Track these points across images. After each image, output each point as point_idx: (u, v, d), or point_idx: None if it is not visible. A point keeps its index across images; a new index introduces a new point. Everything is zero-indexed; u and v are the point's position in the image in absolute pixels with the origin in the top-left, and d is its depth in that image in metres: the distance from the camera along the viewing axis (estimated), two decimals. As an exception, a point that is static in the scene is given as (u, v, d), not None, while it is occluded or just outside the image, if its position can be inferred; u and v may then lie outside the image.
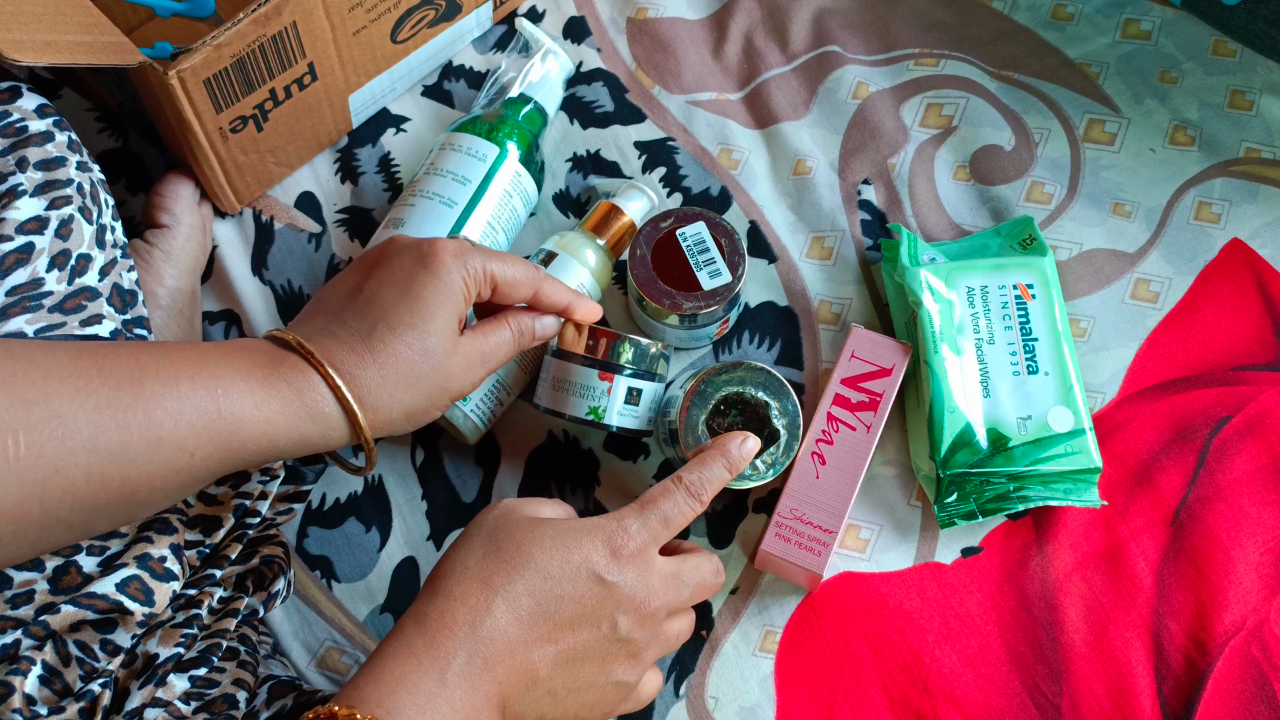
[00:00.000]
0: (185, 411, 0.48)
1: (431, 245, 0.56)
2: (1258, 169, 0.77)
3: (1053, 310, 0.70)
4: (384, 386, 0.53)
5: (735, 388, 0.64)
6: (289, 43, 0.68)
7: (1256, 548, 0.66)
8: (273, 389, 0.51)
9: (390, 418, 0.54)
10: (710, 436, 0.64)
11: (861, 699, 0.64)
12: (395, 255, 0.56)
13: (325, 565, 0.70)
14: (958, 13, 0.85)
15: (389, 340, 0.53)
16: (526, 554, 0.51)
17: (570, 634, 0.51)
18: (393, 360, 0.53)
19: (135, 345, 0.50)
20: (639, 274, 0.70)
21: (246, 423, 0.49)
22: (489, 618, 0.49)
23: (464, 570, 0.50)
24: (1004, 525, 0.68)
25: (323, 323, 0.54)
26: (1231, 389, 0.71)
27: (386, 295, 0.54)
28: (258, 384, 0.50)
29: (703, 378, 0.65)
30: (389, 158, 0.80)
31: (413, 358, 0.54)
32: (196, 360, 0.49)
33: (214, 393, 0.49)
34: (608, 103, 0.82)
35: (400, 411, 0.54)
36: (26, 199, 0.55)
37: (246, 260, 0.77)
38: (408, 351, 0.54)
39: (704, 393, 0.64)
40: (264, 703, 0.58)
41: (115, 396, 0.46)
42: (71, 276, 0.55)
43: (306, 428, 0.51)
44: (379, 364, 0.53)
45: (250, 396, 0.50)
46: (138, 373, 0.47)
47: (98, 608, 0.50)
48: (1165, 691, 0.63)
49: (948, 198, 0.78)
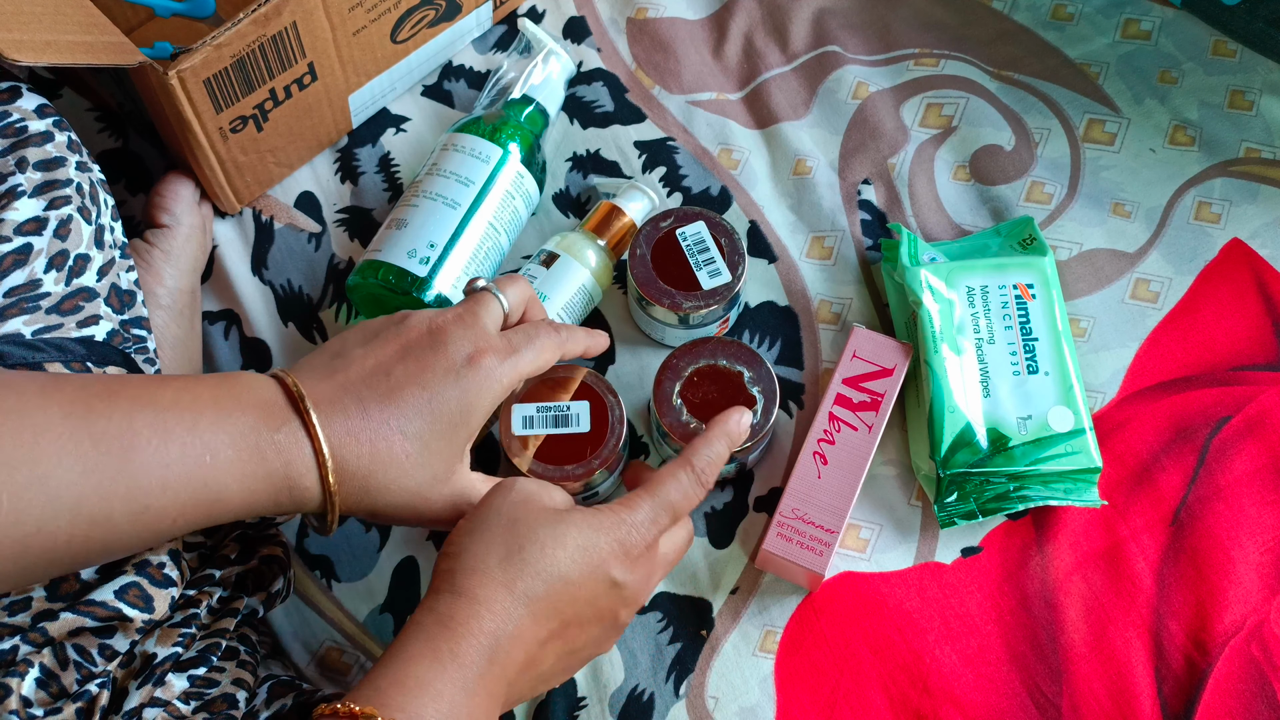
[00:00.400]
0: (171, 483, 0.47)
1: (473, 356, 0.53)
2: (1258, 169, 0.77)
3: (1053, 310, 0.70)
4: (365, 480, 0.51)
5: (707, 360, 0.66)
6: (289, 43, 0.68)
7: (1256, 548, 0.66)
8: (262, 459, 0.49)
9: (353, 508, 0.52)
10: (686, 408, 0.65)
11: (861, 699, 0.64)
12: (434, 348, 0.53)
13: (325, 565, 0.70)
14: (958, 13, 0.85)
15: (392, 441, 0.51)
16: (551, 558, 0.50)
17: (579, 631, 0.51)
18: (385, 462, 0.51)
19: (133, 394, 0.48)
20: (639, 274, 0.70)
21: (230, 492, 0.48)
22: (513, 625, 0.48)
23: (487, 571, 0.49)
24: (1004, 525, 0.68)
25: (338, 387, 0.52)
26: (1231, 389, 0.71)
27: (410, 394, 0.52)
28: (249, 452, 0.48)
29: (675, 353, 0.66)
30: (389, 158, 0.80)
31: (405, 467, 0.51)
32: (190, 423, 0.47)
33: (202, 461, 0.47)
34: (608, 103, 0.82)
35: (365, 509, 0.52)
36: (25, 199, 0.54)
37: (246, 260, 0.77)
38: (404, 460, 0.51)
39: (676, 366, 0.66)
40: (264, 702, 0.58)
41: (102, 463, 0.45)
42: (69, 277, 0.55)
43: (282, 497, 0.50)
44: (372, 458, 0.51)
45: (238, 466, 0.48)
46: (129, 438, 0.46)
47: (97, 615, 0.50)
48: (1165, 691, 0.63)
49: (948, 198, 0.78)
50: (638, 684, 0.65)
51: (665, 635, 0.67)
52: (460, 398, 0.52)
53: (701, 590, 0.68)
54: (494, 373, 0.54)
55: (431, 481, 0.52)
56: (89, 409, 0.46)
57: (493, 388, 0.53)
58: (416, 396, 0.52)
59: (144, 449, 0.46)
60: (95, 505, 0.45)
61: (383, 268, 0.70)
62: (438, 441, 0.52)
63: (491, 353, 0.54)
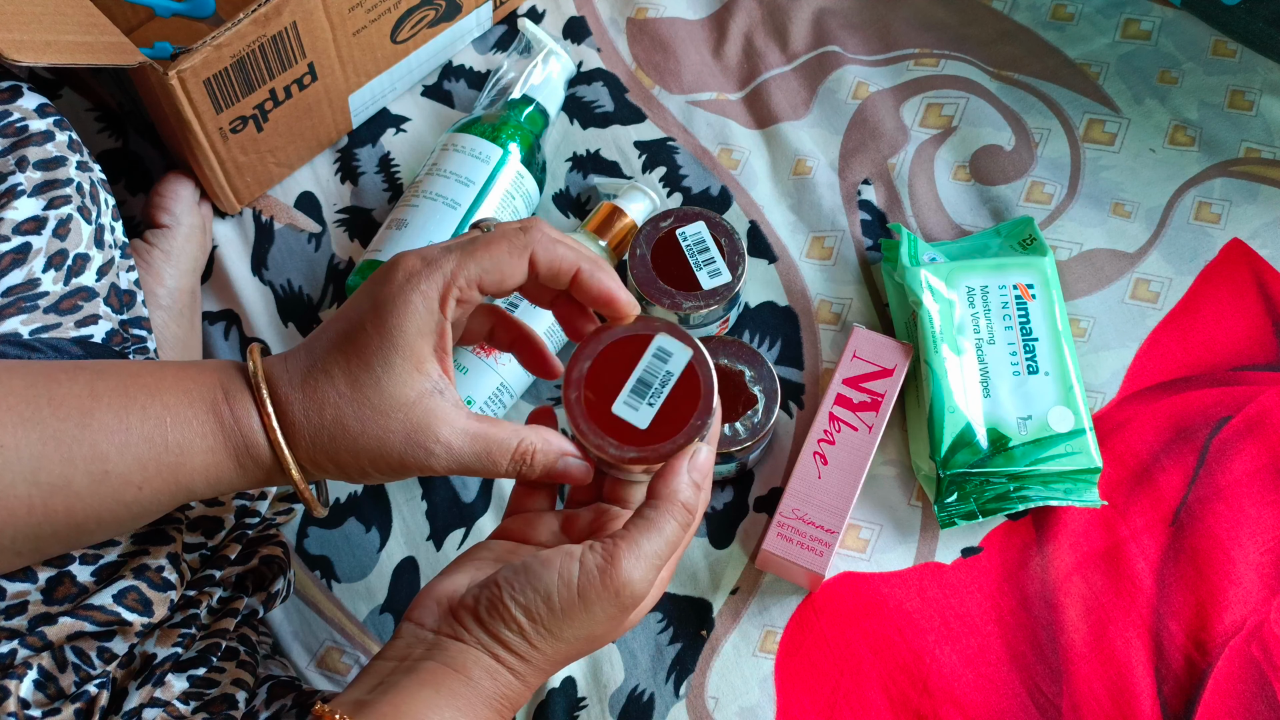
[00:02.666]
0: (132, 444, 0.45)
1: (391, 270, 0.48)
2: (1258, 169, 0.77)
3: (1053, 310, 0.70)
4: (313, 432, 0.47)
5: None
6: (289, 43, 0.68)
7: (1256, 548, 0.66)
8: (218, 417, 0.47)
9: (322, 467, 0.48)
10: None
11: (861, 699, 0.64)
12: (370, 280, 0.49)
13: (325, 565, 0.70)
14: (958, 13, 0.85)
15: (320, 382, 0.47)
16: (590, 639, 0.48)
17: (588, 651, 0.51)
18: (319, 405, 0.47)
19: (97, 369, 0.47)
20: (639, 274, 0.70)
21: (193, 453, 0.46)
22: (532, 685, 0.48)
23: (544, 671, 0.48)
24: (1004, 525, 0.68)
25: (289, 352, 0.49)
26: (1231, 389, 0.71)
27: (331, 328, 0.48)
28: (205, 410, 0.47)
29: None
30: (389, 158, 0.80)
31: (340, 406, 0.47)
32: (152, 388, 0.46)
33: (162, 423, 0.46)
34: (608, 103, 0.82)
35: (331, 465, 0.48)
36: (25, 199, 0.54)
37: (246, 260, 0.77)
38: (336, 398, 0.47)
39: None
40: (263, 703, 0.58)
41: (61, 428, 0.44)
42: (68, 276, 0.55)
43: (246, 461, 0.47)
44: (307, 404, 0.47)
45: (196, 425, 0.46)
46: (90, 403, 0.45)
47: (96, 620, 0.50)
48: (1165, 691, 0.63)
49: (948, 198, 0.78)
50: (638, 684, 0.65)
51: (665, 635, 0.67)
52: (374, 315, 0.47)
53: (701, 590, 0.68)
54: (413, 281, 0.47)
55: (377, 418, 0.47)
56: (51, 379, 0.46)
57: (409, 297, 0.47)
58: (335, 326, 0.48)
59: (103, 413, 0.45)
60: (55, 470, 0.44)
61: (383, 268, 0.70)
62: (363, 371, 0.47)
63: (417, 262, 0.48)
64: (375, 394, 0.47)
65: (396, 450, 0.47)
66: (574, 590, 0.46)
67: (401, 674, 0.46)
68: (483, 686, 0.47)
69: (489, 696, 0.47)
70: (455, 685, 0.46)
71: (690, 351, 0.50)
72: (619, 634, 0.50)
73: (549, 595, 0.46)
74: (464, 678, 0.46)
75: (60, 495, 0.45)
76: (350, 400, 0.47)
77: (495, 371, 0.68)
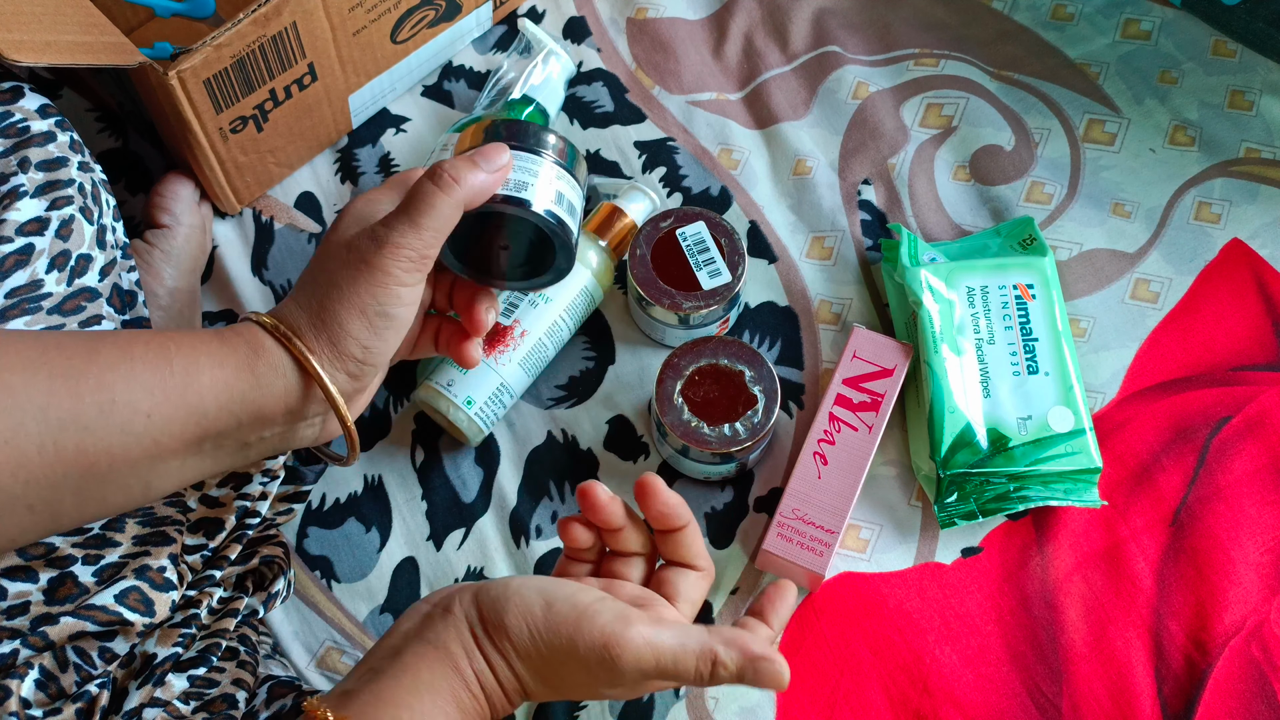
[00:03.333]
0: (138, 371, 0.47)
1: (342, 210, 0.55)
2: (1258, 169, 0.77)
3: (1053, 310, 0.70)
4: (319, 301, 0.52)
5: (709, 359, 0.66)
6: (289, 43, 0.68)
7: (1256, 548, 0.66)
8: (223, 340, 0.50)
9: (341, 347, 0.52)
10: (687, 407, 0.65)
11: (861, 699, 0.64)
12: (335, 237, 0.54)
13: (325, 565, 0.70)
14: (958, 13, 0.85)
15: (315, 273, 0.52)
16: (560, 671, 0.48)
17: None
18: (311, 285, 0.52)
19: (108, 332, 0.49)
20: (639, 274, 0.70)
21: (200, 372, 0.48)
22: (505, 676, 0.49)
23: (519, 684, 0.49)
24: (1004, 525, 0.68)
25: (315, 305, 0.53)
26: (1231, 389, 0.71)
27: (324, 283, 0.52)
28: (213, 338, 0.50)
29: (676, 352, 0.67)
30: (389, 158, 0.80)
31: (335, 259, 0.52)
32: (155, 331, 0.49)
33: (166, 349, 0.48)
34: (608, 103, 0.82)
35: (357, 346, 0.52)
36: (27, 200, 0.54)
37: (246, 260, 0.77)
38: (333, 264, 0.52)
39: (677, 365, 0.66)
40: (263, 703, 0.58)
41: (69, 365, 0.45)
42: (71, 277, 0.55)
43: (265, 379, 0.50)
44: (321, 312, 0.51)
45: (201, 346, 0.49)
46: (95, 342, 0.47)
47: (98, 620, 0.50)
48: (1165, 691, 0.63)
49: (948, 198, 0.78)
50: (638, 684, 0.65)
51: (665, 635, 0.67)
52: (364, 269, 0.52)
53: (701, 590, 0.68)
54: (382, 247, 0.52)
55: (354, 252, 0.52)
56: (57, 335, 0.47)
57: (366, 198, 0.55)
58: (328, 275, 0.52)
59: (109, 349, 0.47)
60: (64, 405, 0.45)
61: (383, 268, 0.70)
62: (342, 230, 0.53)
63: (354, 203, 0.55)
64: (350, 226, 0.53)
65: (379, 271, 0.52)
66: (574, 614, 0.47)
67: (388, 658, 0.47)
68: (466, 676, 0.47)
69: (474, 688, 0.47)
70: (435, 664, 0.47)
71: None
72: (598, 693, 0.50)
73: (551, 603, 0.48)
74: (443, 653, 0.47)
75: (70, 431, 0.45)
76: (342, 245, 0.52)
77: (496, 372, 0.69)
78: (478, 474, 0.71)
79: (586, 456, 0.72)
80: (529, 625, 0.47)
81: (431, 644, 0.48)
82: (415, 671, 0.47)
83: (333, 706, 0.45)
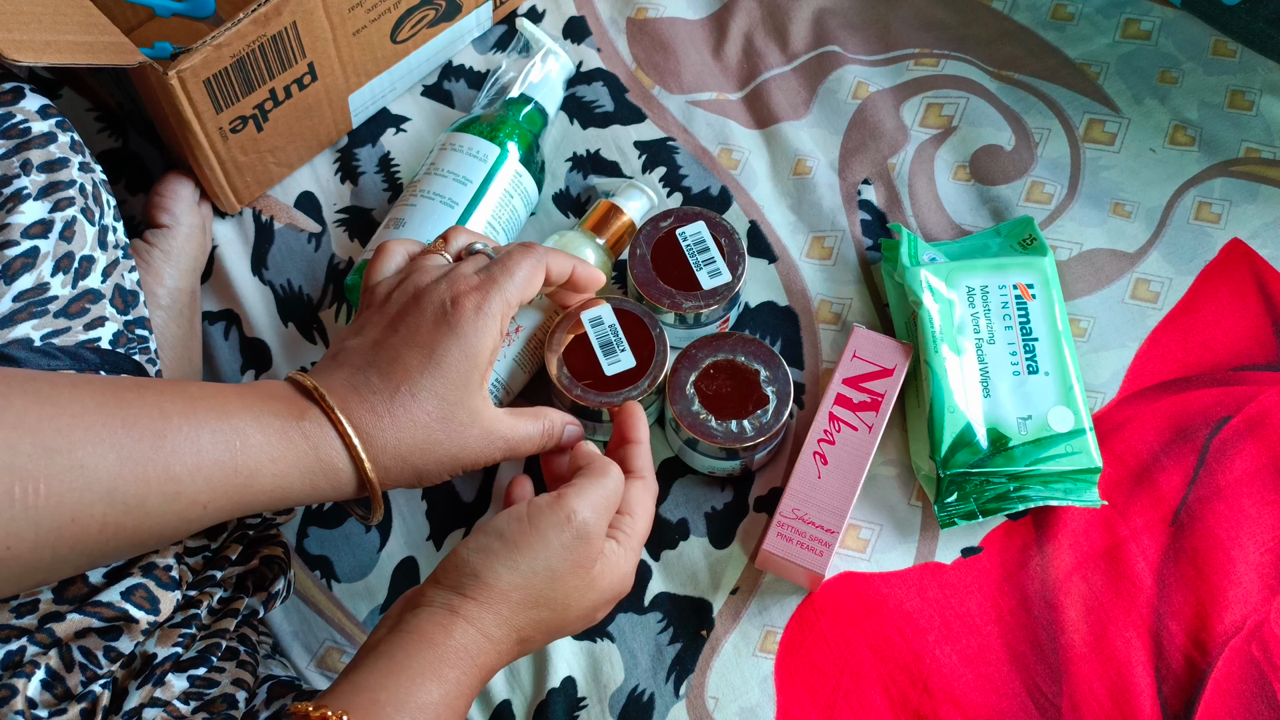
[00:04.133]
0: (204, 466, 0.48)
1: (456, 300, 0.55)
2: (1258, 169, 0.77)
3: (1053, 310, 0.70)
4: (399, 449, 0.53)
5: (726, 354, 0.67)
6: (289, 43, 0.68)
7: (1256, 548, 0.66)
8: (290, 442, 0.50)
9: (400, 479, 0.54)
10: (698, 398, 0.66)
11: (861, 699, 0.64)
12: (418, 309, 0.56)
13: (325, 565, 0.70)
14: (958, 13, 0.85)
15: (410, 407, 0.53)
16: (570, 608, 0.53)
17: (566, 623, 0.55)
18: (411, 426, 0.53)
19: (160, 388, 0.49)
20: (639, 273, 0.70)
21: (261, 476, 0.49)
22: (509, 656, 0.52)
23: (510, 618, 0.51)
24: (1004, 525, 0.68)
25: (347, 375, 0.54)
26: (1231, 389, 0.71)
27: (410, 358, 0.54)
28: (276, 436, 0.50)
29: (695, 343, 0.67)
30: (389, 158, 0.80)
31: (431, 425, 0.53)
32: (219, 410, 0.49)
33: (233, 446, 0.48)
34: (608, 103, 0.82)
35: (411, 475, 0.54)
36: (31, 202, 0.54)
37: (246, 260, 0.77)
38: (427, 419, 0.53)
39: (694, 356, 0.67)
40: (263, 703, 0.58)
41: (137, 449, 0.46)
42: (75, 279, 0.55)
43: (319, 481, 0.51)
44: (398, 427, 0.53)
45: (267, 450, 0.50)
46: (161, 424, 0.47)
47: (104, 615, 0.50)
48: (1165, 691, 0.63)
49: (948, 198, 0.78)
50: (638, 684, 0.65)
51: (665, 635, 0.67)
52: (457, 342, 0.54)
53: (701, 590, 0.68)
54: (482, 308, 0.55)
55: (461, 430, 0.54)
56: (120, 399, 0.47)
57: (485, 323, 0.55)
58: (416, 356, 0.54)
59: (175, 434, 0.47)
60: (130, 490, 0.45)
61: (383, 268, 0.70)
62: (452, 391, 0.54)
63: (471, 291, 0.56)
64: (462, 411, 0.54)
65: (472, 453, 0.55)
66: (525, 520, 0.51)
67: (365, 655, 0.49)
68: (439, 644, 0.49)
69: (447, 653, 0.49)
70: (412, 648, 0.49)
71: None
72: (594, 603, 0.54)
73: (501, 531, 0.52)
74: (420, 639, 0.49)
75: (134, 514, 0.46)
76: (439, 419, 0.54)
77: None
78: (477, 474, 0.71)
79: (586, 456, 0.72)
80: (499, 561, 0.51)
81: (405, 631, 0.49)
82: (390, 656, 0.48)
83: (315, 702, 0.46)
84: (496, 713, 0.65)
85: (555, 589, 0.52)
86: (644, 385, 0.66)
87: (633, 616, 0.67)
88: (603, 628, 0.67)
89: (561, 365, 0.66)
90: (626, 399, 0.66)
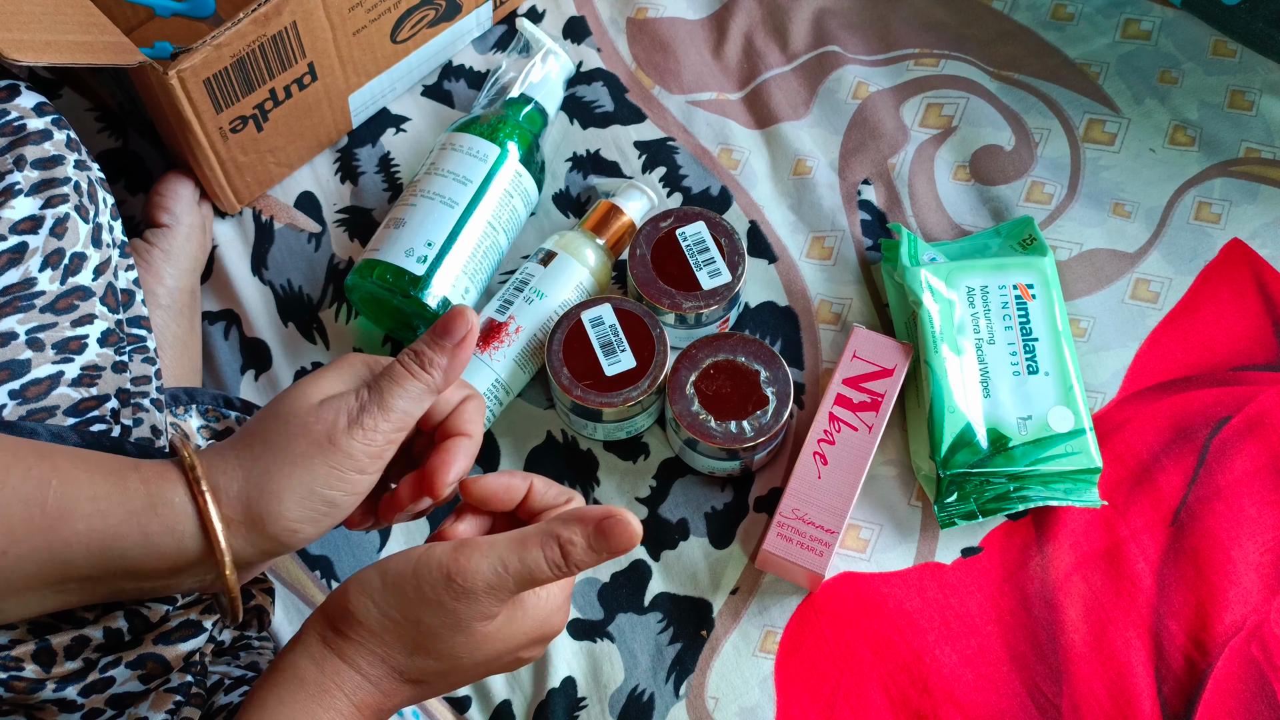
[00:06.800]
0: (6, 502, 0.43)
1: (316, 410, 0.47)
2: (1258, 169, 0.77)
3: (1053, 310, 0.70)
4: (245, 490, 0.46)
5: (726, 354, 0.67)
6: (289, 43, 0.68)
7: (1256, 548, 0.66)
8: (122, 482, 0.45)
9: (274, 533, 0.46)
10: (698, 399, 0.66)
11: (861, 699, 0.64)
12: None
13: (325, 565, 0.70)
14: (958, 13, 0.85)
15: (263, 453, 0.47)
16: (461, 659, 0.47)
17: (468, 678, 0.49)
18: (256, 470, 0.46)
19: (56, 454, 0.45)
20: (639, 274, 0.70)
21: (75, 516, 0.44)
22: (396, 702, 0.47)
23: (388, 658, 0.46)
24: (1004, 525, 0.68)
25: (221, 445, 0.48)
26: (1231, 389, 0.71)
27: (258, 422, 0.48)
28: (108, 479, 0.45)
29: (695, 344, 0.67)
30: (389, 158, 0.80)
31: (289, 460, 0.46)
32: (42, 453, 0.45)
33: (46, 484, 0.44)
34: (608, 103, 0.82)
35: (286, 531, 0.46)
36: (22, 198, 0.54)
37: (246, 260, 0.77)
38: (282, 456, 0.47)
39: (694, 356, 0.67)
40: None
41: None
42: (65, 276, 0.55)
43: (148, 523, 0.44)
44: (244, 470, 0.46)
45: (88, 487, 0.44)
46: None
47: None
48: (1165, 691, 0.63)
49: (948, 198, 0.78)
50: (638, 684, 0.65)
51: (665, 635, 0.67)
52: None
53: (701, 590, 0.68)
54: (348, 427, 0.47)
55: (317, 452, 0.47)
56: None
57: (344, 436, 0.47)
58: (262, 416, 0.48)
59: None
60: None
61: (379, 267, 0.70)
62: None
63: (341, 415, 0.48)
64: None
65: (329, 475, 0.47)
66: (409, 565, 0.45)
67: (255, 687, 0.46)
68: (310, 682, 0.45)
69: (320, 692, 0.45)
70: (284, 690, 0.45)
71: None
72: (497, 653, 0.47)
73: (386, 570, 0.46)
74: (293, 676, 0.45)
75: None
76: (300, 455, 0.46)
77: (490, 368, 0.69)
78: (477, 473, 0.71)
79: (586, 457, 0.72)
80: (371, 599, 0.45)
81: (280, 670, 0.46)
82: (261, 703, 0.45)
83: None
84: (496, 713, 0.65)
85: (432, 643, 0.46)
86: (644, 385, 0.66)
87: (633, 616, 0.67)
88: (602, 628, 0.67)
89: (561, 365, 0.67)
90: (626, 399, 0.66)
